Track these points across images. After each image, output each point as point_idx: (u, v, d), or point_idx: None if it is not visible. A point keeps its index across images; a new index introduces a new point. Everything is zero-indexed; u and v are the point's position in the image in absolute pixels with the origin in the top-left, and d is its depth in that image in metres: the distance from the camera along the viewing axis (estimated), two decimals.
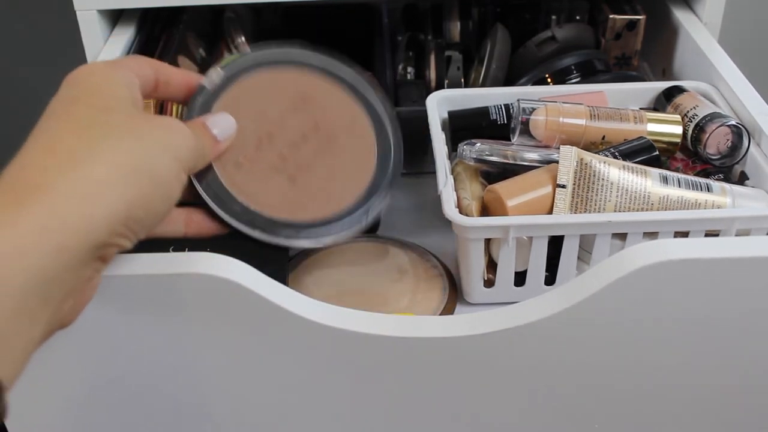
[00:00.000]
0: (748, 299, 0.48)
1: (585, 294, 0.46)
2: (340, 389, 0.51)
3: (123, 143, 0.42)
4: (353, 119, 0.53)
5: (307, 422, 0.53)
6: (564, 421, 0.53)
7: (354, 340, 0.48)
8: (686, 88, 0.68)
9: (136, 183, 0.41)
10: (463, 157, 0.61)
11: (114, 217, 0.40)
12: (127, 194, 0.40)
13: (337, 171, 0.52)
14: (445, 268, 0.64)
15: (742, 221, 0.55)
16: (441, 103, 0.67)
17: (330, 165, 0.52)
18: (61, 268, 0.38)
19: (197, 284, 0.46)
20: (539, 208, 0.57)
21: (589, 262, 0.58)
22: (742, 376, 0.51)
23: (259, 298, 0.46)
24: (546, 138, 0.63)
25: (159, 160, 0.43)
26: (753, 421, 0.54)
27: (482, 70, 0.78)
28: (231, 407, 0.52)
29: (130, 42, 0.75)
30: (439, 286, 0.62)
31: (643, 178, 0.57)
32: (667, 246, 0.46)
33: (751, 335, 0.49)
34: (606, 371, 0.50)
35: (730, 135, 0.62)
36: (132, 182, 0.41)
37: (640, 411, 0.53)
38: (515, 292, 0.59)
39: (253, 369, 0.50)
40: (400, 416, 0.52)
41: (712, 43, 0.73)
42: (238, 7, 0.81)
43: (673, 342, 0.49)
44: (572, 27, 0.79)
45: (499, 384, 0.51)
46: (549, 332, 0.48)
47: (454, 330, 0.48)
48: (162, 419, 0.53)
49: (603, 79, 0.72)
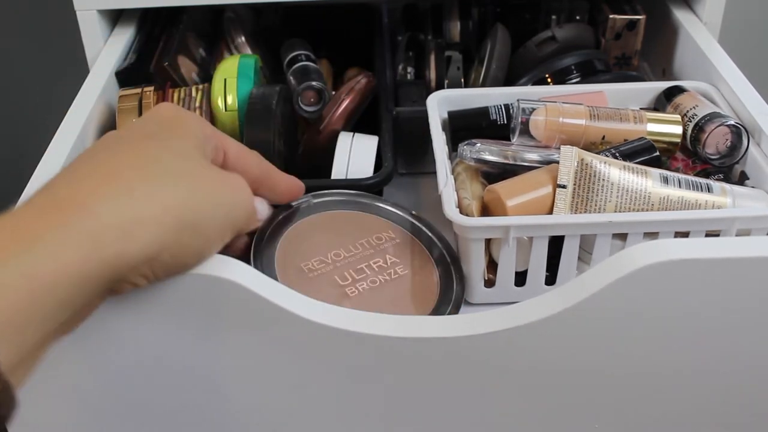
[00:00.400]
0: (748, 299, 0.48)
1: (585, 294, 0.46)
2: (340, 389, 0.51)
3: (179, 188, 0.41)
4: (420, 262, 0.58)
5: (307, 422, 0.53)
6: (564, 420, 0.53)
7: (354, 341, 0.47)
8: (686, 87, 0.68)
9: (176, 229, 0.41)
10: (464, 158, 0.61)
11: (144, 257, 0.39)
12: (165, 238, 0.40)
13: (396, 300, 0.55)
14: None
15: (742, 221, 0.55)
16: (441, 103, 0.67)
17: (390, 294, 0.55)
18: (77, 294, 0.38)
19: (198, 285, 0.46)
20: (539, 208, 0.57)
21: (589, 263, 0.58)
22: (742, 376, 0.51)
23: (259, 298, 0.46)
24: (546, 138, 0.63)
25: (209, 213, 0.43)
26: (753, 420, 0.54)
27: (482, 70, 0.78)
28: (230, 407, 0.52)
29: (130, 42, 0.75)
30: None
31: (643, 179, 0.57)
32: (668, 246, 0.46)
33: (751, 335, 0.49)
34: (606, 371, 0.50)
35: (729, 135, 0.62)
36: (173, 227, 0.40)
37: (641, 411, 0.53)
38: (515, 292, 0.59)
39: (253, 369, 0.50)
40: (400, 416, 0.52)
41: (712, 43, 0.73)
42: (238, 7, 0.81)
43: (674, 342, 0.49)
44: (572, 27, 0.79)
45: (499, 384, 0.51)
46: (549, 332, 0.48)
47: (454, 330, 0.48)
48: (161, 418, 0.53)
49: (603, 79, 0.72)
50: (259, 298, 0.46)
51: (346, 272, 0.56)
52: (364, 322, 0.48)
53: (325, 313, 0.48)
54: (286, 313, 0.47)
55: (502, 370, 0.50)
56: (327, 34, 0.83)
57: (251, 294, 0.46)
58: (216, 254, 0.46)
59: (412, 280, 0.56)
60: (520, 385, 0.51)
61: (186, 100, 0.68)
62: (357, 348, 0.48)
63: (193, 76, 0.74)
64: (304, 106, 0.70)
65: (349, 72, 0.81)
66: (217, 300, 0.46)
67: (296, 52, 0.75)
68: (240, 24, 0.79)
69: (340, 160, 0.65)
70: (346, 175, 0.65)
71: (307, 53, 0.75)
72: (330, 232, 0.58)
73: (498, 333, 0.47)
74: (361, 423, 0.53)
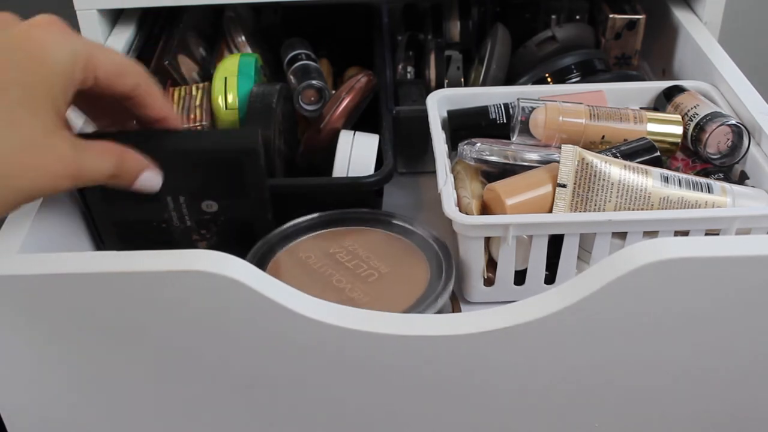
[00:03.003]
0: (748, 298, 0.48)
1: (585, 293, 0.46)
2: (339, 387, 0.51)
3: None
4: (410, 262, 0.58)
5: (306, 420, 0.53)
6: (564, 419, 0.53)
7: (353, 338, 0.47)
8: (686, 87, 0.68)
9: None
10: (464, 157, 0.61)
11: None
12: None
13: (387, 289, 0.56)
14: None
15: (742, 220, 0.55)
16: (441, 102, 0.67)
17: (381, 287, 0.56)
18: None
19: (197, 281, 0.46)
20: (539, 207, 0.57)
21: (589, 262, 0.58)
22: (742, 375, 0.51)
23: (258, 295, 0.46)
24: (546, 137, 0.63)
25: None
26: (753, 418, 0.54)
27: (482, 70, 0.78)
28: (229, 405, 0.52)
29: (130, 42, 0.75)
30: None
31: (643, 178, 0.57)
32: (667, 244, 0.46)
33: (751, 333, 0.49)
34: (606, 370, 0.50)
35: (730, 134, 0.62)
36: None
37: (641, 409, 0.53)
38: (515, 290, 0.59)
39: (252, 366, 0.50)
40: (400, 414, 0.52)
41: (712, 42, 0.73)
42: (239, 7, 0.81)
43: (673, 340, 0.49)
44: (572, 27, 0.80)
45: (499, 382, 0.51)
46: (549, 331, 0.48)
47: (454, 329, 0.48)
48: (159, 415, 0.53)
49: (603, 79, 0.72)
50: (259, 296, 0.46)
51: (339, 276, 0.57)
52: (363, 320, 0.48)
53: (325, 311, 0.48)
54: (285, 310, 0.47)
55: (502, 369, 0.50)
56: (327, 34, 0.83)
57: (251, 291, 0.46)
58: (216, 253, 0.46)
59: (398, 276, 0.57)
60: (519, 384, 0.51)
61: (186, 98, 0.68)
62: (356, 346, 0.48)
63: (194, 76, 0.74)
64: (305, 104, 0.70)
65: (349, 71, 0.81)
66: (216, 297, 0.46)
67: (296, 51, 0.75)
68: (240, 23, 0.79)
69: (341, 158, 0.65)
70: (347, 174, 0.65)
71: (308, 52, 0.75)
72: (324, 245, 0.59)
73: (498, 331, 0.47)
74: (360, 420, 0.53)
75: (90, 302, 0.47)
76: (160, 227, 0.57)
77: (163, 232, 0.58)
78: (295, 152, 0.72)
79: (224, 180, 0.56)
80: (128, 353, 0.50)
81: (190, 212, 0.57)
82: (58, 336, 0.49)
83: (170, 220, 0.57)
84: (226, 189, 0.56)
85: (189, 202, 0.56)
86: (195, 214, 0.57)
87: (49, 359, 0.50)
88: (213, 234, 0.58)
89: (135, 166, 0.51)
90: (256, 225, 0.59)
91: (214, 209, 0.57)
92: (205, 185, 0.56)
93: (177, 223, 0.57)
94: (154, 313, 0.48)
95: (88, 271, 0.46)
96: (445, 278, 0.55)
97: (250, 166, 0.55)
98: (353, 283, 0.56)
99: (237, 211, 0.57)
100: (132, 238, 0.58)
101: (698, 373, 0.51)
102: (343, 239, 0.60)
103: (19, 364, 0.50)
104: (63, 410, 0.53)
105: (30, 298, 0.47)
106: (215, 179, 0.56)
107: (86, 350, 0.49)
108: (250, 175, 0.55)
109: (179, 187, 0.55)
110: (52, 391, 0.51)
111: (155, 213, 0.56)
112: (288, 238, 0.60)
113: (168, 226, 0.57)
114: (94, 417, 0.53)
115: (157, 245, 0.47)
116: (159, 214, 0.56)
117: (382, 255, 0.58)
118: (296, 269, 0.57)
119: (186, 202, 0.56)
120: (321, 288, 0.55)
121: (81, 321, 0.48)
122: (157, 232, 0.58)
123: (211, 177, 0.55)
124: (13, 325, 0.48)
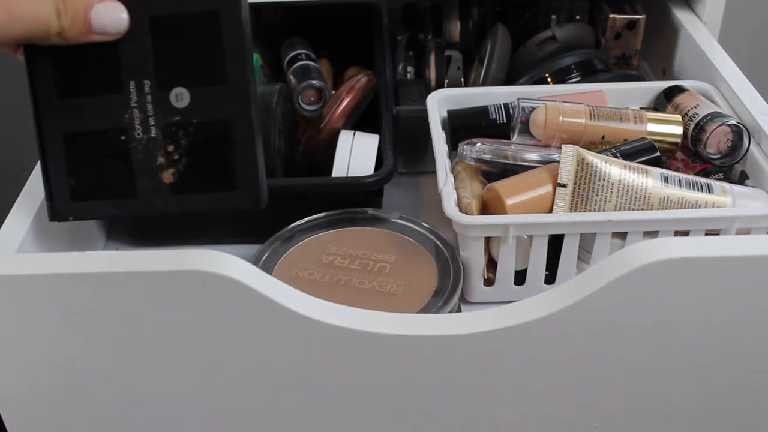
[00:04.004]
0: (748, 298, 0.48)
1: (585, 293, 0.46)
2: (339, 386, 0.51)
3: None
4: (413, 251, 0.60)
5: (305, 420, 0.53)
6: (564, 419, 0.53)
7: (353, 338, 0.47)
8: (686, 87, 0.68)
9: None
10: (464, 157, 0.61)
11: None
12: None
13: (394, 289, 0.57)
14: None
15: (742, 220, 0.55)
16: (441, 102, 0.67)
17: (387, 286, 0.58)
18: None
19: (196, 281, 0.46)
20: (539, 207, 0.57)
21: (589, 262, 0.58)
22: (742, 375, 0.51)
23: (258, 295, 0.46)
24: (546, 137, 0.63)
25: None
26: (753, 419, 0.54)
27: (482, 70, 0.78)
28: (228, 403, 0.52)
29: None
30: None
31: (643, 178, 0.57)
32: (668, 244, 0.46)
33: (751, 333, 0.49)
34: (606, 370, 0.50)
35: (730, 134, 0.62)
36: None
37: (640, 409, 0.53)
38: (515, 290, 0.59)
39: (251, 365, 0.50)
40: (400, 414, 0.52)
41: (712, 42, 0.73)
42: None
43: (674, 340, 0.49)
44: (572, 27, 0.79)
45: (498, 382, 0.51)
46: (549, 331, 0.48)
47: (454, 328, 0.48)
48: (159, 415, 0.53)
49: (603, 79, 0.72)
50: (258, 295, 0.46)
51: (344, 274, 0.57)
52: (363, 320, 0.48)
53: (324, 311, 0.48)
54: (285, 310, 0.47)
55: (502, 369, 0.50)
56: (327, 34, 0.83)
57: (250, 291, 0.46)
58: (216, 253, 0.46)
59: (406, 275, 0.58)
60: (519, 384, 0.51)
61: None
62: (356, 345, 0.48)
63: None
64: (305, 104, 0.70)
65: (349, 71, 0.81)
66: (215, 297, 0.46)
67: (296, 51, 0.75)
68: None
69: (341, 158, 0.65)
70: (347, 173, 0.65)
71: (307, 52, 0.75)
72: (328, 244, 0.61)
73: (498, 331, 0.47)
74: (359, 420, 0.53)
75: (90, 302, 0.47)
76: (119, 141, 0.50)
77: (122, 151, 0.50)
78: (295, 152, 0.72)
79: (198, 50, 0.49)
80: (128, 353, 0.50)
81: (156, 110, 0.49)
82: (57, 336, 0.49)
83: (131, 128, 0.49)
84: (200, 68, 0.49)
85: (156, 93, 0.49)
86: (162, 113, 0.49)
87: (49, 359, 0.50)
88: (182, 154, 0.50)
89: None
90: (235, 129, 0.50)
91: (184, 103, 0.49)
92: (175, 61, 0.49)
93: (140, 133, 0.49)
94: (154, 313, 0.48)
95: (88, 271, 0.46)
96: (454, 269, 0.57)
97: (229, 21, 0.48)
98: (375, 280, 0.57)
99: (212, 107, 0.49)
100: (82, 160, 0.50)
101: (698, 372, 0.51)
102: (343, 239, 0.60)
103: (19, 363, 0.50)
104: (63, 410, 0.53)
105: (29, 298, 0.47)
106: (187, 49, 0.49)
107: (86, 350, 0.49)
108: (229, 36, 0.48)
109: (144, 65, 0.48)
110: (52, 391, 0.51)
111: (115, 113, 0.49)
112: (292, 239, 0.60)
113: (128, 139, 0.50)
114: (94, 417, 0.53)
115: (111, 173, 0.42)
116: (119, 114, 0.49)
117: (381, 250, 0.59)
118: (307, 284, 0.58)
119: (152, 92, 0.49)
120: (344, 294, 0.56)
121: (81, 321, 0.48)
122: (115, 150, 0.50)
123: (181, 45, 0.48)
124: (13, 325, 0.48)
